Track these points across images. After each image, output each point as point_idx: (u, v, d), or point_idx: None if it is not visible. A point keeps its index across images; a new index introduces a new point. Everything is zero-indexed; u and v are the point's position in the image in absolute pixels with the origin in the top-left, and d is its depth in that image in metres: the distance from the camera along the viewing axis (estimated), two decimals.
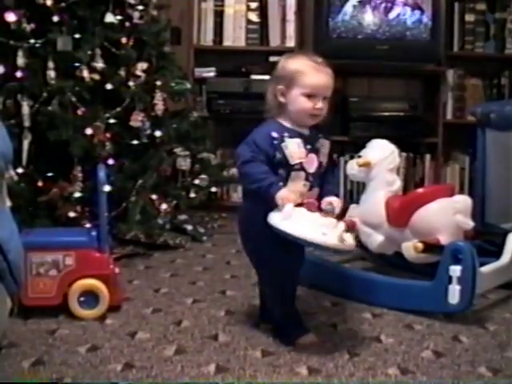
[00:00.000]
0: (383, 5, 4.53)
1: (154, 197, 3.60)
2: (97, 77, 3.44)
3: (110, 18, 3.54)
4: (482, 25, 4.80)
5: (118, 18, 3.60)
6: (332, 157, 2.55)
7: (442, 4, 4.56)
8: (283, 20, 4.76)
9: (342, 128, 4.73)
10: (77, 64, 3.41)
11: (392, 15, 4.53)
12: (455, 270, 2.57)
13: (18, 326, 2.50)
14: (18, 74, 3.30)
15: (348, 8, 4.51)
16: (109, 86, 3.49)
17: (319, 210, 2.32)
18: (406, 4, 4.54)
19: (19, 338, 2.39)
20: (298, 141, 2.39)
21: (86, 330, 2.49)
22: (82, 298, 2.62)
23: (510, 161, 3.51)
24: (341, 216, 2.41)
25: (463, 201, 2.89)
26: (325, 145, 2.48)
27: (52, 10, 3.39)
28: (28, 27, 3.36)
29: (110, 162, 3.40)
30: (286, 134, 2.39)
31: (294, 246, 2.28)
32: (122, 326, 2.54)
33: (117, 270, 2.73)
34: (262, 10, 4.76)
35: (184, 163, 3.84)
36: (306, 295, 2.85)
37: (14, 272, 2.05)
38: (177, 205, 3.82)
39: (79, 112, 3.38)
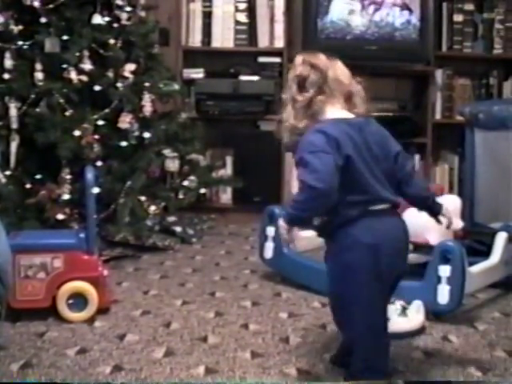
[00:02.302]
0: (372, 5, 4.53)
1: (142, 198, 3.59)
2: (85, 78, 3.43)
3: (97, 19, 3.54)
4: (470, 25, 4.80)
5: (106, 19, 3.59)
6: None
7: (431, 4, 4.56)
8: (271, 21, 4.75)
9: None
10: (65, 65, 3.40)
11: (380, 16, 4.53)
12: (444, 270, 2.57)
13: (7, 328, 2.48)
14: (6, 76, 3.30)
15: (336, 8, 4.50)
16: (97, 88, 3.48)
17: None
18: (394, 4, 4.54)
19: (8, 341, 2.38)
20: None
21: (74, 333, 2.49)
22: (70, 301, 2.61)
23: (498, 160, 3.52)
24: None
25: (452, 201, 2.90)
26: None
27: (39, 11, 3.39)
28: (15, 29, 3.36)
29: (99, 163, 3.39)
30: None
31: None
32: (111, 329, 2.53)
33: (105, 273, 2.72)
34: (251, 11, 4.75)
35: (173, 165, 3.83)
36: (295, 296, 2.85)
37: (2, 275, 2.03)
38: (166, 206, 3.81)
39: (67, 114, 3.37)
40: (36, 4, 3.38)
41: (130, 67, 3.61)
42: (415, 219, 2.87)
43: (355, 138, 2.02)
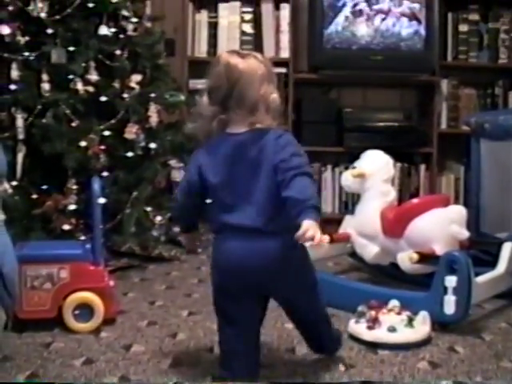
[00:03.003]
0: (377, 15, 4.54)
1: (148, 209, 3.60)
2: (91, 89, 3.44)
3: (104, 30, 3.54)
4: (475, 35, 4.81)
5: (112, 30, 3.60)
6: None
7: (436, 14, 4.57)
8: (277, 31, 4.76)
9: (337, 138, 4.72)
10: (71, 76, 3.40)
11: (386, 26, 4.54)
12: (451, 281, 2.57)
13: (13, 339, 2.49)
14: (12, 87, 3.30)
15: (342, 19, 4.52)
16: (103, 98, 3.49)
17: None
18: (400, 14, 4.55)
19: (14, 352, 2.38)
20: None
21: (80, 343, 2.49)
22: (76, 311, 2.61)
23: (504, 170, 3.52)
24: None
25: (458, 211, 2.90)
26: None
27: (46, 22, 3.40)
28: (22, 40, 3.36)
29: (105, 174, 3.39)
30: None
31: None
32: (117, 339, 2.53)
33: (112, 283, 2.73)
34: (256, 22, 4.76)
35: (178, 175, 3.83)
36: None
37: (9, 285, 2.04)
38: (171, 217, 3.82)
39: (73, 124, 3.37)
40: (42, 15, 3.38)
41: (136, 78, 3.62)
42: (422, 229, 2.89)
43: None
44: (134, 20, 3.72)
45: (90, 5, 3.53)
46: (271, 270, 2.05)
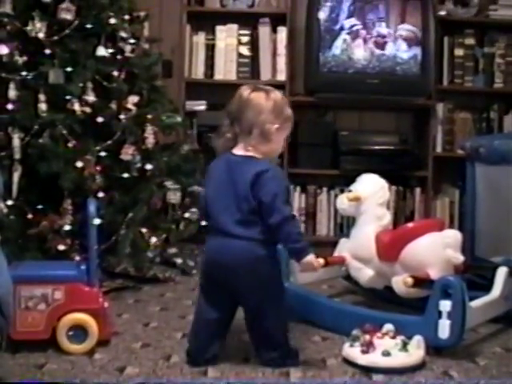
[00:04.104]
0: (374, 39, 4.57)
1: (143, 230, 3.59)
2: (88, 110, 3.45)
3: (101, 51, 3.56)
4: (471, 59, 4.83)
5: (110, 51, 3.61)
6: None
7: (432, 39, 4.60)
8: (274, 54, 4.79)
9: (333, 161, 4.74)
10: (68, 97, 3.41)
11: (382, 50, 4.57)
12: (445, 305, 2.57)
13: (6, 360, 2.47)
14: (10, 107, 3.31)
15: (338, 42, 4.54)
16: (100, 119, 3.49)
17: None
18: (396, 38, 4.58)
19: (7, 372, 2.37)
20: None
21: (74, 365, 2.48)
22: (70, 333, 2.60)
23: (499, 195, 3.53)
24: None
25: (453, 235, 2.90)
26: None
27: (44, 42, 3.41)
28: (20, 60, 3.38)
29: (101, 194, 3.39)
30: None
31: None
32: (111, 361, 2.52)
33: (106, 304, 2.72)
34: (253, 44, 4.79)
35: (174, 196, 3.83)
36: (296, 330, 2.84)
37: (3, 306, 2.04)
38: (167, 238, 3.82)
39: (70, 145, 3.38)
40: (41, 35, 3.40)
41: (133, 99, 3.63)
42: (416, 253, 2.89)
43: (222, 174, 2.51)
44: (132, 41, 3.74)
45: (88, 26, 3.55)
46: (234, 266, 2.42)
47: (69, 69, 3.45)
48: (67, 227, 3.31)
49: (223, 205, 2.45)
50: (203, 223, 3.29)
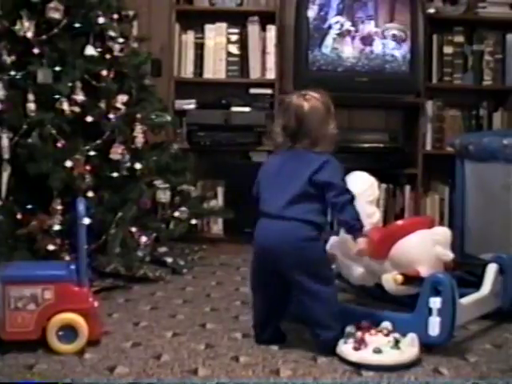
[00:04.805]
0: (363, 37, 4.57)
1: (133, 229, 3.59)
2: (77, 109, 3.45)
3: (90, 50, 3.55)
4: (460, 57, 4.85)
5: (99, 50, 3.61)
6: None
7: (421, 36, 4.60)
8: (263, 52, 4.79)
9: None
10: (57, 96, 3.41)
11: (371, 48, 4.57)
12: (435, 302, 2.57)
13: None
14: None
15: (327, 41, 4.54)
16: (89, 119, 3.49)
17: None
18: (385, 37, 4.58)
19: None
20: None
21: (64, 365, 2.47)
22: (60, 333, 2.59)
23: (488, 192, 3.54)
24: None
25: (443, 232, 2.90)
26: None
27: (32, 42, 3.41)
28: (8, 59, 3.38)
29: (90, 194, 3.39)
30: None
31: None
32: (101, 361, 2.52)
33: (96, 304, 2.71)
34: (242, 43, 4.79)
35: (164, 196, 3.83)
36: (286, 328, 2.84)
37: None
38: (157, 237, 3.82)
39: (59, 144, 3.38)
40: (29, 35, 3.40)
41: (122, 98, 3.62)
42: (406, 251, 2.89)
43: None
44: (121, 40, 3.74)
45: (77, 25, 3.55)
46: (284, 248, 2.55)
47: (57, 68, 3.45)
48: (57, 227, 3.31)
49: (277, 190, 2.61)
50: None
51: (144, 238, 3.63)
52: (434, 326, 2.57)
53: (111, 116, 3.56)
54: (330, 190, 2.57)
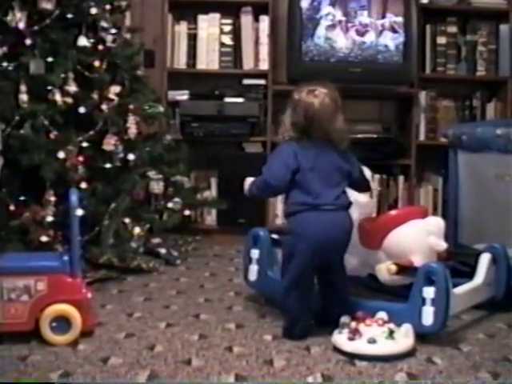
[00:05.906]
0: (355, 28, 4.56)
1: (127, 220, 3.59)
2: (69, 100, 3.43)
3: (83, 41, 3.54)
4: (453, 47, 4.84)
5: (91, 41, 3.60)
6: None
7: (414, 27, 4.60)
8: (256, 43, 4.77)
9: None
10: (49, 87, 3.40)
11: (364, 38, 4.56)
12: (429, 292, 2.57)
13: None
14: None
15: (320, 31, 4.53)
16: (82, 110, 3.48)
17: None
18: (378, 27, 4.57)
19: None
20: None
21: (58, 356, 2.47)
22: (54, 324, 2.59)
23: (481, 182, 3.54)
24: None
25: (436, 222, 2.90)
26: None
27: (25, 33, 3.39)
28: (0, 50, 3.35)
29: (83, 185, 3.39)
30: None
31: None
32: (95, 352, 2.52)
33: (89, 295, 2.71)
34: (236, 33, 4.77)
35: (157, 187, 3.83)
36: (280, 318, 2.84)
37: None
38: (150, 228, 3.81)
39: (52, 136, 3.37)
40: (21, 26, 3.38)
41: (114, 89, 3.62)
42: (400, 241, 2.89)
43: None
44: (113, 31, 3.72)
45: (69, 16, 3.53)
46: (343, 237, 2.73)
47: (50, 59, 3.44)
48: (50, 218, 3.30)
49: (322, 181, 2.69)
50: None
51: (137, 229, 3.62)
52: (428, 316, 2.57)
53: (104, 107, 3.55)
54: (359, 173, 2.84)
